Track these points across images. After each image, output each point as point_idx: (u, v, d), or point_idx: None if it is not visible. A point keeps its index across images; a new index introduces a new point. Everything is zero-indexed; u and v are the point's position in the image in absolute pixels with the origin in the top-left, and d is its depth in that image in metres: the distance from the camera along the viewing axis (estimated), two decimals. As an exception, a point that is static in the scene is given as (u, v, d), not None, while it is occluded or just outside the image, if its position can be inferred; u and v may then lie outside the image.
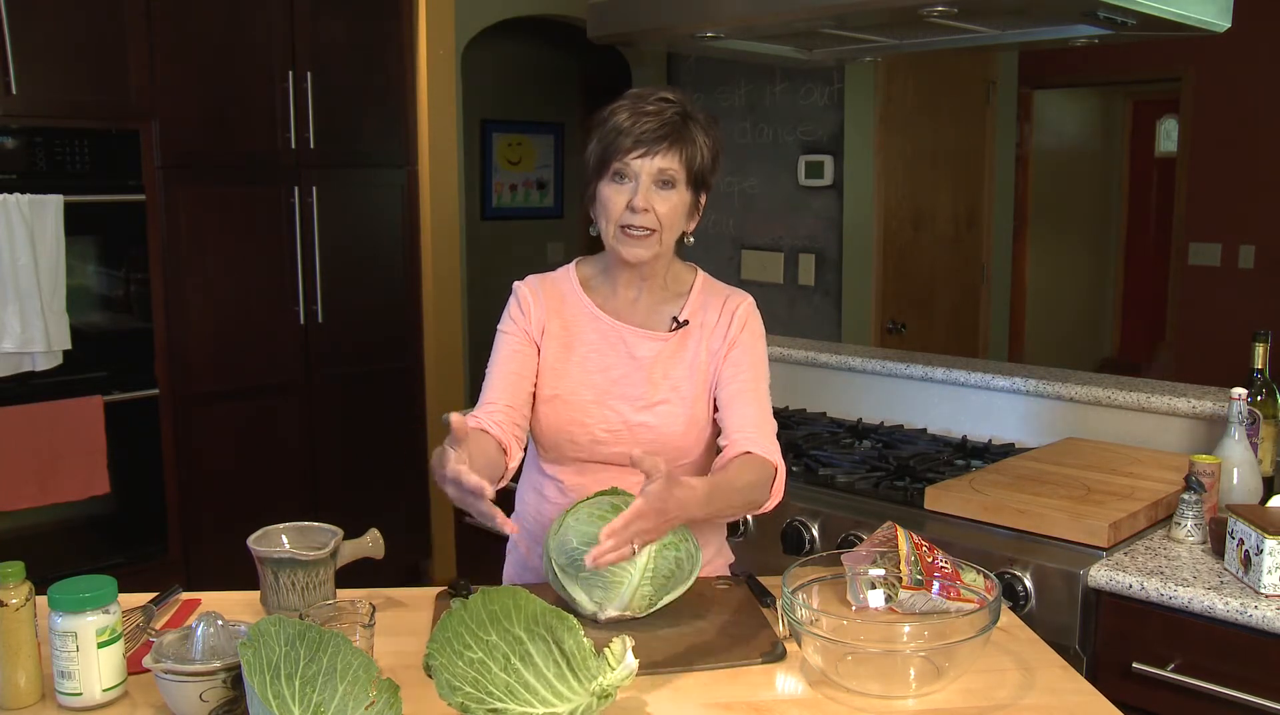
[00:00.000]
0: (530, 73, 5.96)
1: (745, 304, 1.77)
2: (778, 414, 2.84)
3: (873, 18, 2.35)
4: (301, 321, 3.71)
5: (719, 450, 1.67)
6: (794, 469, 2.34)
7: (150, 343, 3.41)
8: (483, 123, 5.73)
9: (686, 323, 1.73)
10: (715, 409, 1.73)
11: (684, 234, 1.73)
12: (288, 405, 3.72)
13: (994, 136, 4.92)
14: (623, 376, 1.71)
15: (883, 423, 2.74)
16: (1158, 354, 6.22)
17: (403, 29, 3.94)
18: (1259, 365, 2.09)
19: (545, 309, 1.75)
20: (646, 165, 1.62)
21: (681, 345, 1.72)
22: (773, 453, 1.62)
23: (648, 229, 1.64)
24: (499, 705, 1.19)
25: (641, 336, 1.72)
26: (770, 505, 1.62)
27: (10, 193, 3.03)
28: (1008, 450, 2.43)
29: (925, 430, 2.67)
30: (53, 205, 3.09)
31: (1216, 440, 2.09)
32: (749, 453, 1.60)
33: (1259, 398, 2.08)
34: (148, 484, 3.44)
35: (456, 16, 4.17)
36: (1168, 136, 7.31)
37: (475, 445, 1.55)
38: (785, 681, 1.39)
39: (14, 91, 3.06)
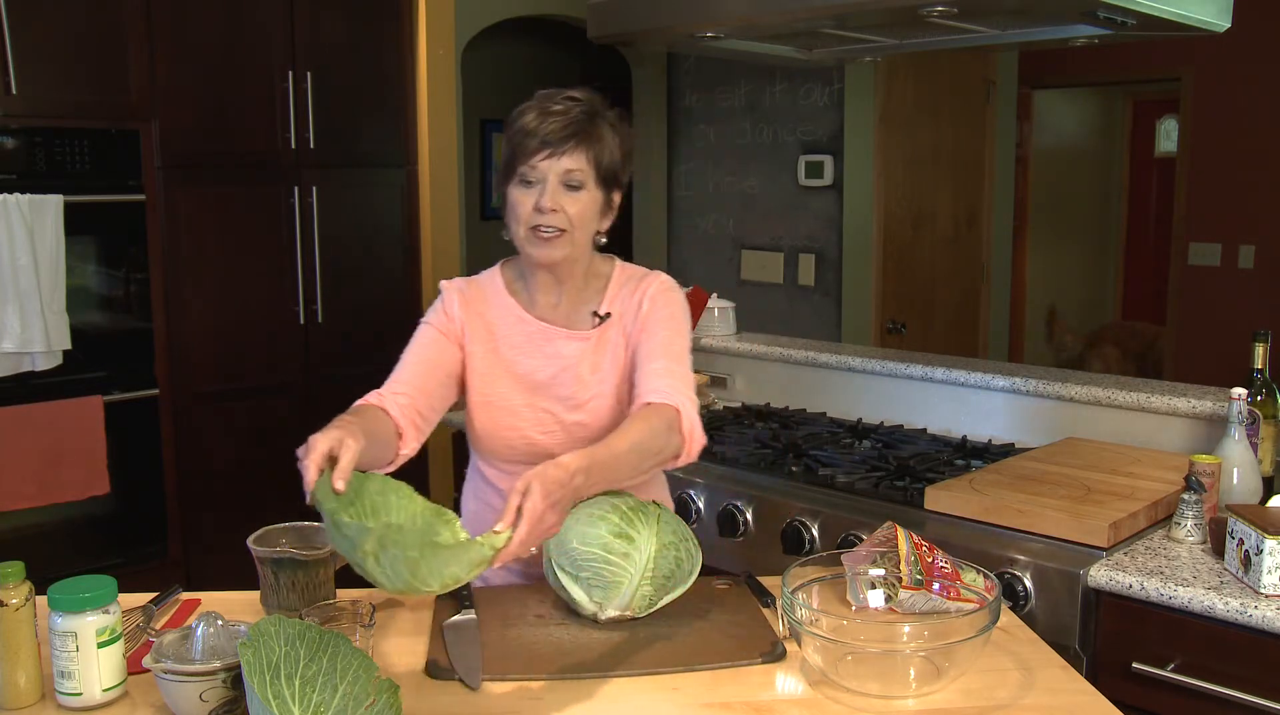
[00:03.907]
0: (530, 73, 5.95)
1: (657, 283, 1.75)
2: (778, 414, 2.85)
3: (873, 18, 2.35)
4: (301, 321, 3.71)
5: None
6: (794, 469, 2.34)
7: (150, 343, 3.41)
8: (483, 123, 5.74)
9: (608, 316, 1.73)
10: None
11: (597, 233, 1.71)
12: (288, 405, 3.71)
13: (994, 136, 4.93)
14: (551, 378, 1.72)
15: (883, 423, 2.74)
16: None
17: (403, 29, 3.94)
18: (1259, 365, 2.09)
19: (470, 311, 1.74)
20: (554, 166, 1.60)
21: (604, 338, 1.72)
22: (673, 395, 1.58)
23: (558, 229, 1.63)
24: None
25: (566, 337, 1.72)
26: (689, 448, 1.57)
27: (10, 193, 3.03)
28: (1008, 450, 2.43)
29: (925, 430, 2.67)
30: (53, 205, 3.09)
31: (1216, 440, 2.09)
32: (647, 404, 1.57)
33: (1259, 398, 2.08)
34: (148, 484, 3.44)
35: (456, 16, 4.17)
36: (1168, 136, 7.31)
37: (370, 424, 1.53)
38: (785, 681, 1.39)
39: (14, 91, 3.06)
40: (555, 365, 1.72)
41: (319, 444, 1.32)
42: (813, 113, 4.55)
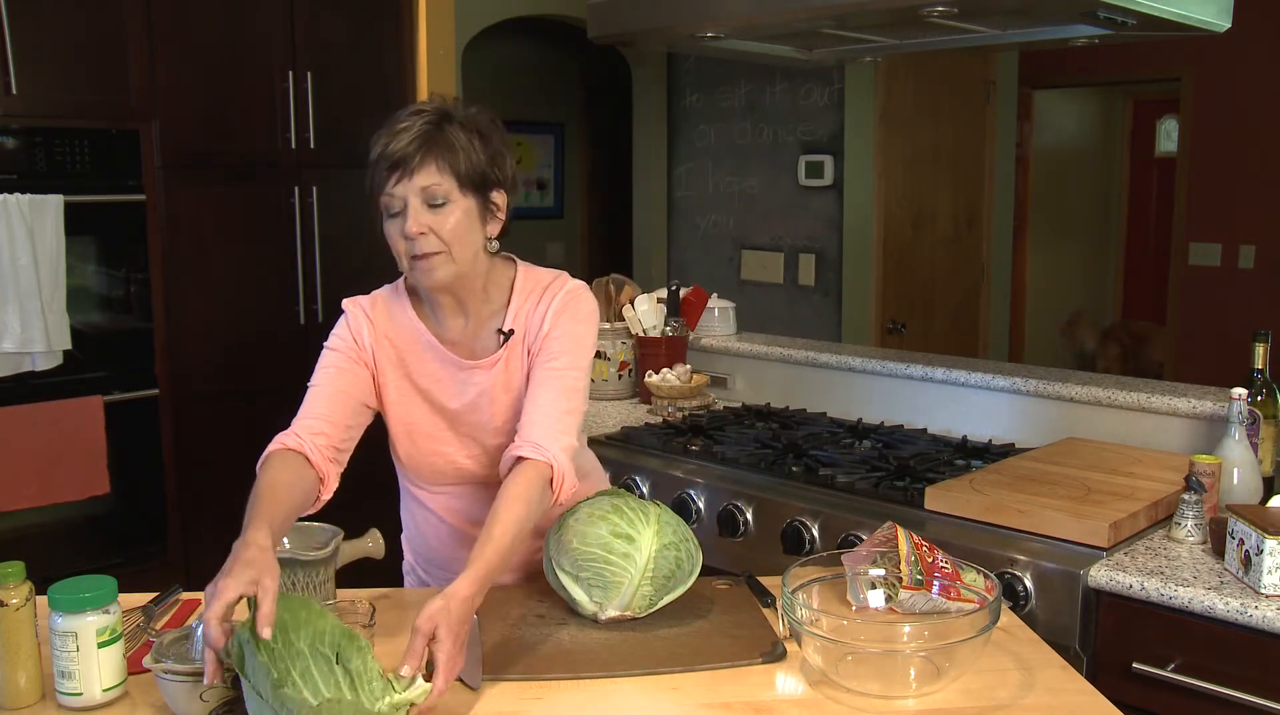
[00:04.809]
0: (530, 73, 5.96)
1: (561, 295, 1.66)
2: (778, 414, 2.85)
3: (873, 18, 2.35)
4: (301, 322, 3.71)
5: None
6: (794, 469, 2.34)
7: (150, 343, 3.41)
8: (483, 123, 5.73)
9: (512, 332, 1.66)
10: None
11: (488, 239, 1.62)
12: (288, 405, 3.69)
13: (994, 136, 4.93)
14: (469, 405, 1.67)
15: (883, 423, 2.74)
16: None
17: (403, 29, 3.94)
18: (1259, 365, 2.09)
19: (378, 335, 1.69)
20: (409, 187, 1.52)
21: (511, 356, 1.67)
22: (548, 446, 1.53)
23: (433, 251, 1.54)
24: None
25: (476, 369, 1.66)
26: (558, 499, 1.55)
27: (10, 193, 3.03)
28: (1008, 450, 2.43)
29: (925, 430, 2.67)
30: (53, 205, 3.09)
31: (1216, 440, 2.09)
32: (519, 460, 1.52)
33: (1259, 398, 2.08)
34: (148, 484, 3.44)
35: (456, 16, 4.17)
36: (1168, 136, 7.31)
37: (289, 498, 1.47)
38: (785, 681, 1.39)
39: (14, 91, 3.06)
40: (470, 393, 1.67)
41: (228, 592, 1.19)
42: (813, 113, 4.55)
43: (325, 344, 1.71)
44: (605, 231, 6.45)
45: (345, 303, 1.73)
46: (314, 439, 1.58)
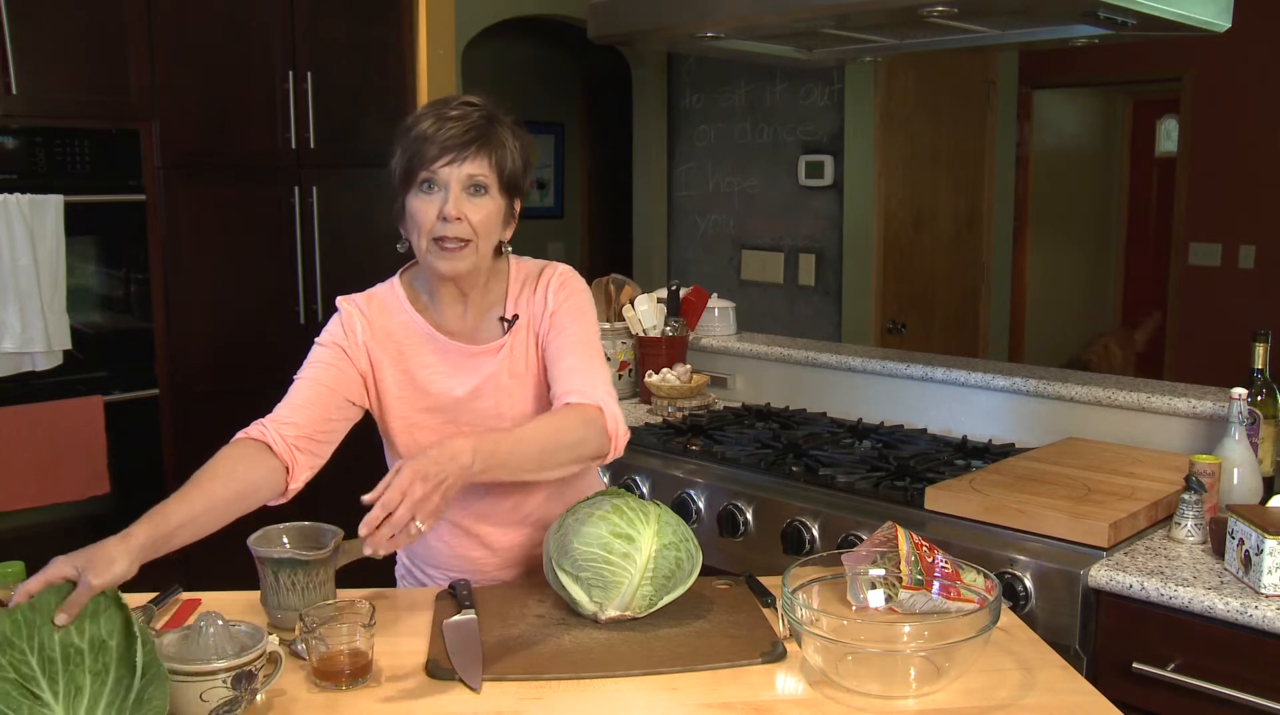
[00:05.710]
0: (530, 73, 5.96)
1: (557, 276, 1.72)
2: (778, 414, 2.85)
3: (873, 18, 2.35)
4: (301, 321, 3.71)
5: None
6: (794, 469, 2.34)
7: (150, 343, 3.41)
8: (483, 123, 5.73)
9: (516, 317, 1.69)
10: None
11: (501, 242, 1.67)
12: (288, 405, 3.71)
13: (994, 136, 4.93)
14: (472, 393, 1.68)
15: (883, 423, 2.74)
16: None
17: (403, 29, 3.94)
18: (1259, 365, 2.09)
19: (375, 331, 1.69)
20: (455, 172, 1.55)
21: (515, 342, 1.69)
22: (591, 393, 1.56)
23: (462, 240, 1.57)
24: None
25: (478, 354, 1.68)
26: (616, 445, 1.57)
27: (10, 193, 3.03)
28: (1008, 450, 2.43)
29: (925, 430, 2.67)
30: (53, 205, 3.09)
31: (1216, 440, 2.09)
32: (566, 405, 1.55)
33: (1259, 398, 2.08)
34: (148, 484, 3.44)
35: (456, 16, 4.17)
36: (1168, 136, 7.31)
37: (230, 465, 1.52)
38: (785, 681, 1.39)
39: (14, 91, 3.06)
40: (474, 380, 1.68)
41: (52, 570, 1.24)
42: (813, 113, 4.55)
43: (316, 340, 1.71)
44: (605, 231, 6.45)
45: (339, 300, 1.74)
46: (280, 428, 1.59)
